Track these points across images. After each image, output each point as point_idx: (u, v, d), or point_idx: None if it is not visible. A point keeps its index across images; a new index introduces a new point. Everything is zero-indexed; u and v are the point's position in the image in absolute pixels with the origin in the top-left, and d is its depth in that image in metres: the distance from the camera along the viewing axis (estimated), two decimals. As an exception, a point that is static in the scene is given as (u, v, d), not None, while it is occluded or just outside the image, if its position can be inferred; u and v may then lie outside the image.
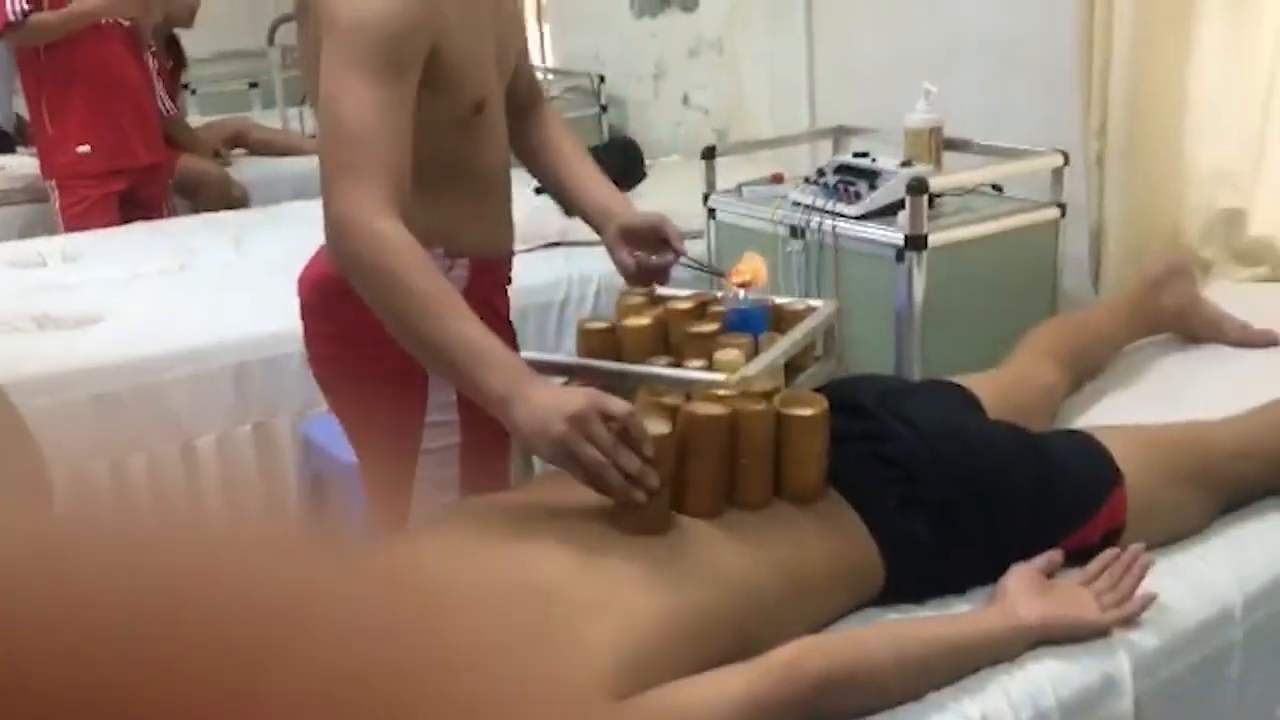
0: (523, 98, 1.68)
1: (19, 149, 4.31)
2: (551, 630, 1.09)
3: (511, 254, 1.67)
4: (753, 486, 1.27)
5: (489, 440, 1.49)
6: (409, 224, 1.29)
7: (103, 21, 3.48)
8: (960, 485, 1.35)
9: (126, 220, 3.59)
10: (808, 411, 1.29)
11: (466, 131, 1.46)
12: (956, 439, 1.39)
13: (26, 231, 3.64)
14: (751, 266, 1.67)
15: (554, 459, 1.18)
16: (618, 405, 1.17)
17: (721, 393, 1.32)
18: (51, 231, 3.53)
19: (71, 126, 3.52)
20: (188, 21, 4.07)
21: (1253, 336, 1.98)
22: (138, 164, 3.64)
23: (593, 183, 1.65)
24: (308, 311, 1.56)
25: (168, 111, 3.89)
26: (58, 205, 3.60)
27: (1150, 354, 2.00)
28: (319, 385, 1.63)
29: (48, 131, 3.55)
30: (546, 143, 1.68)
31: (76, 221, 3.54)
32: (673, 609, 1.14)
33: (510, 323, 1.68)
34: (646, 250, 1.59)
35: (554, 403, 1.18)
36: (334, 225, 1.30)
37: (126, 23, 3.55)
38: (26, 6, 3.33)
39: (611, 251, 1.61)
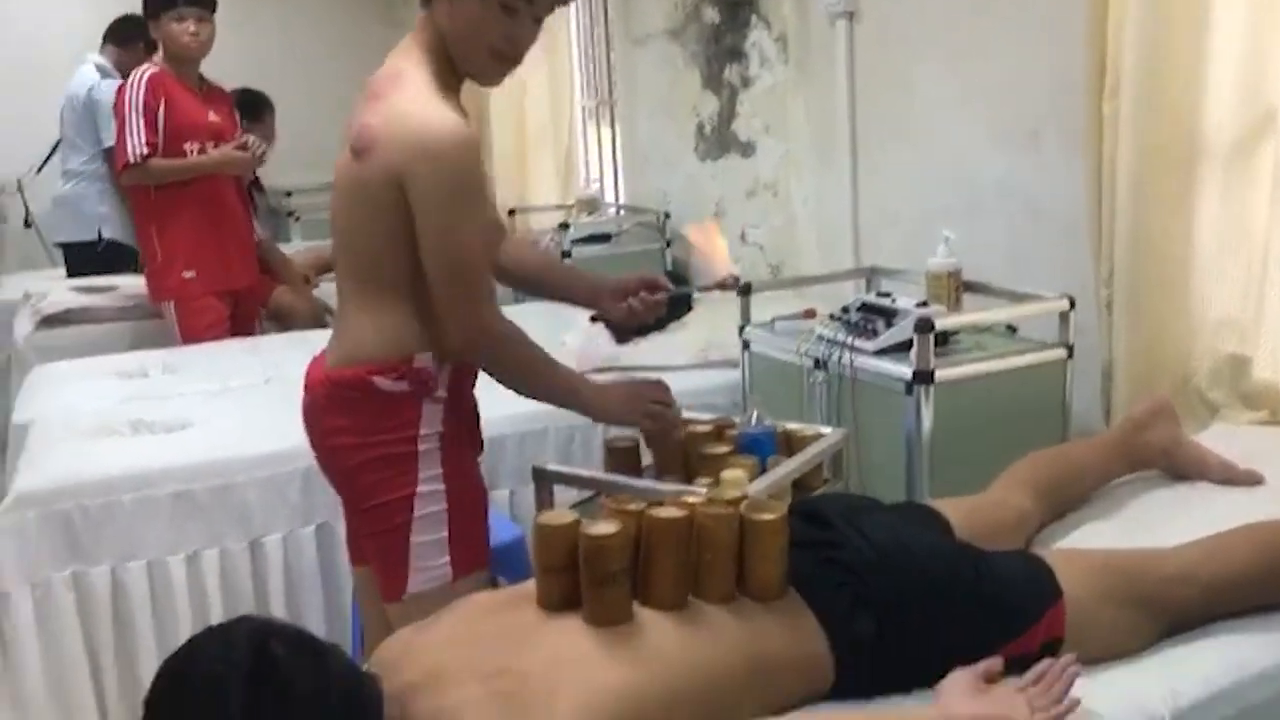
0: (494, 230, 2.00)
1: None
2: (524, 700, 1.27)
3: None
4: (715, 582, 1.44)
5: (471, 506, 1.79)
6: (417, 334, 1.62)
7: None
8: (904, 590, 1.50)
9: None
10: (768, 516, 1.46)
11: None
12: (903, 549, 1.54)
13: (136, 345, 3.98)
14: (703, 232, 2.08)
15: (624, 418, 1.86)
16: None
17: (691, 499, 1.50)
18: (158, 345, 3.87)
19: (179, 253, 3.88)
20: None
21: (1236, 475, 2.07)
22: (236, 287, 4.00)
23: (573, 275, 2.03)
24: (319, 409, 1.80)
25: (259, 238, 4.26)
26: (177, 325, 3.93)
27: (1135, 489, 2.11)
28: (326, 472, 1.87)
29: (157, 258, 3.91)
30: (524, 260, 2.02)
31: (194, 335, 3.88)
32: (634, 686, 1.31)
33: (475, 406, 1.94)
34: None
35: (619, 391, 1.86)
36: (485, 336, 1.67)
37: None
38: (146, 150, 3.73)
39: (608, 312, 1.93)
